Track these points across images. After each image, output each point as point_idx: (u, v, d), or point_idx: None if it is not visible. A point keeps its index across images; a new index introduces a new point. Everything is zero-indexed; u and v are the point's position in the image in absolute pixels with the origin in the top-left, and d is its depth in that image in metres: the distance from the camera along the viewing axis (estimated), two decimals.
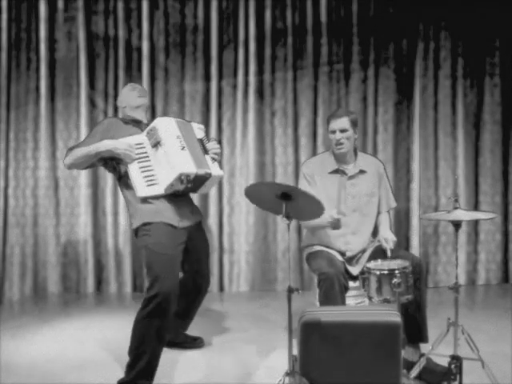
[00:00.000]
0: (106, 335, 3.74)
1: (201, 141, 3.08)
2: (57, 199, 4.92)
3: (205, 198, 4.93)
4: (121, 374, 2.92)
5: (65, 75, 4.88)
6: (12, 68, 4.81)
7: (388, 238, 3.14)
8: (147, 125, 3.09)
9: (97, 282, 4.95)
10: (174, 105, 4.92)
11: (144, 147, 2.96)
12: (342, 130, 3.23)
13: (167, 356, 3.35)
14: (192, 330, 3.74)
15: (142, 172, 2.93)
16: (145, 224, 2.91)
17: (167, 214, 2.92)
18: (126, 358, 2.93)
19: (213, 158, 3.06)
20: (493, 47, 5.02)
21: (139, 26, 4.87)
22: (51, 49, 4.84)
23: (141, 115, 3.21)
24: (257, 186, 2.80)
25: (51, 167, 4.89)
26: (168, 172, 2.88)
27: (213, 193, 4.90)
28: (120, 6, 4.84)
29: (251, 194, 2.67)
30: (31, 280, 4.89)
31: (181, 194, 3.00)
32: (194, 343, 3.54)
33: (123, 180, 3.02)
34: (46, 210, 4.88)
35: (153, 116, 4.68)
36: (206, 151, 3.06)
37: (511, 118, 5.07)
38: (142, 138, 2.99)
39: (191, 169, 2.87)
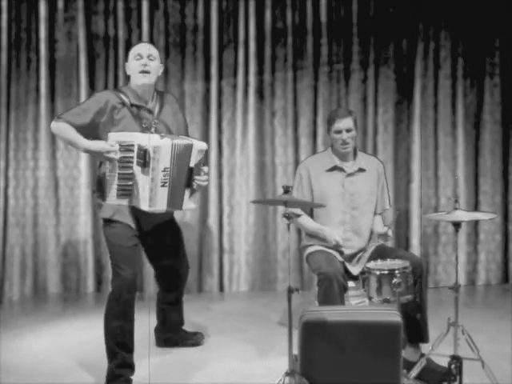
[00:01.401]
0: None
1: (191, 171, 2.92)
2: (57, 199, 4.92)
3: (205, 198, 4.93)
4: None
5: (65, 75, 4.88)
6: (12, 68, 4.80)
7: (379, 230, 3.25)
8: (148, 110, 2.98)
9: (97, 282, 4.94)
10: None
11: (132, 151, 2.79)
12: (348, 130, 3.27)
13: (167, 356, 3.36)
14: (192, 330, 3.74)
15: (119, 179, 2.83)
16: (109, 220, 2.98)
17: (127, 215, 2.95)
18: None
19: (193, 190, 2.99)
20: (493, 47, 5.01)
21: (139, 25, 4.86)
22: (51, 49, 4.84)
23: (145, 92, 3.00)
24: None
25: (51, 167, 4.88)
26: (141, 196, 2.82)
27: (213, 193, 4.90)
28: (120, 5, 4.84)
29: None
30: (31, 280, 4.88)
31: None
32: (194, 338, 3.54)
33: (102, 169, 2.97)
34: (45, 210, 4.88)
35: None
36: (189, 183, 2.95)
37: (511, 117, 5.07)
38: (133, 140, 2.81)
39: (161, 208, 2.88)
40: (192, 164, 2.92)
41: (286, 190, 2.60)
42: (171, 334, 3.51)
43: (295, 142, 4.98)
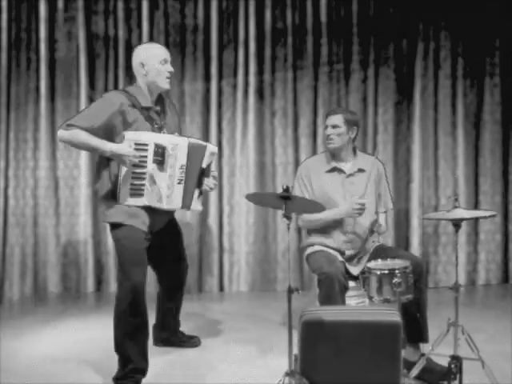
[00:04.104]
0: (106, 335, 3.72)
1: (202, 171, 2.99)
2: (57, 199, 4.92)
3: (205, 198, 4.93)
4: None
5: (65, 75, 4.88)
6: (12, 68, 4.80)
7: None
8: (157, 112, 2.98)
9: (97, 281, 4.95)
10: None
11: (146, 150, 2.82)
12: (334, 126, 3.30)
13: (167, 356, 3.36)
14: (192, 330, 3.74)
15: (132, 178, 2.85)
16: (120, 225, 2.91)
17: (142, 218, 2.92)
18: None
19: (201, 192, 3.03)
20: (493, 47, 5.02)
21: (139, 25, 4.87)
22: (51, 49, 4.84)
23: (154, 95, 3.00)
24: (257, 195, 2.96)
25: (51, 167, 4.89)
26: (157, 196, 2.85)
27: (213, 193, 4.90)
28: (120, 5, 4.84)
29: (252, 198, 2.81)
30: (31, 280, 4.88)
31: None
32: (191, 342, 3.54)
33: (113, 166, 2.91)
34: (45, 210, 4.88)
35: None
36: (200, 184, 3.00)
37: (511, 117, 5.07)
38: (149, 139, 2.83)
39: (177, 206, 2.92)
40: (204, 165, 2.99)
41: (286, 191, 2.59)
42: (169, 334, 3.51)
43: (295, 142, 4.98)
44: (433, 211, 4.94)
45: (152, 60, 2.98)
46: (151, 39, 4.85)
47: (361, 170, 3.35)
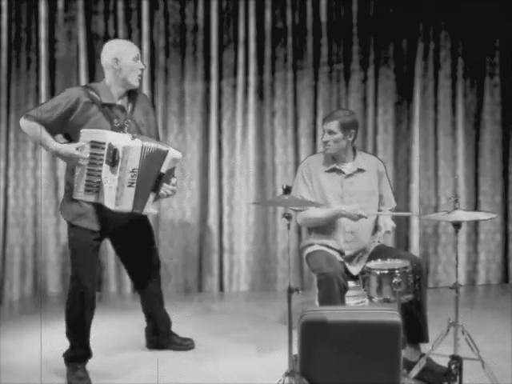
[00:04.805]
0: (106, 335, 3.74)
1: (160, 176, 2.93)
2: (57, 199, 4.91)
3: (205, 198, 4.93)
4: (121, 373, 2.92)
5: (65, 75, 4.87)
6: (12, 68, 4.79)
7: (387, 222, 3.21)
8: (120, 108, 2.98)
9: (97, 282, 4.94)
10: (173, 105, 4.92)
11: (103, 149, 2.83)
12: (330, 132, 3.29)
13: (167, 356, 3.36)
14: (192, 330, 3.74)
15: (87, 175, 2.87)
16: (70, 224, 3.02)
17: (91, 217, 2.97)
18: (126, 358, 2.92)
19: (157, 196, 3.00)
20: (493, 47, 5.01)
21: (139, 26, 4.86)
22: (51, 49, 4.83)
23: (121, 92, 3.02)
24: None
25: (51, 167, 4.88)
26: (108, 195, 2.86)
27: (213, 193, 4.90)
28: (120, 6, 4.84)
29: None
30: (31, 280, 4.88)
31: None
32: (184, 344, 3.50)
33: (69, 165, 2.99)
34: (45, 210, 4.88)
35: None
36: (157, 188, 2.96)
37: (511, 117, 5.07)
38: (105, 138, 2.83)
39: (127, 208, 2.90)
40: (163, 170, 2.93)
41: (286, 191, 2.60)
42: (161, 336, 3.48)
43: (295, 142, 4.98)
44: (433, 211, 4.94)
45: (126, 56, 3.02)
46: (151, 39, 4.84)
47: (360, 170, 3.35)
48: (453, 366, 2.62)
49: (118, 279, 4.94)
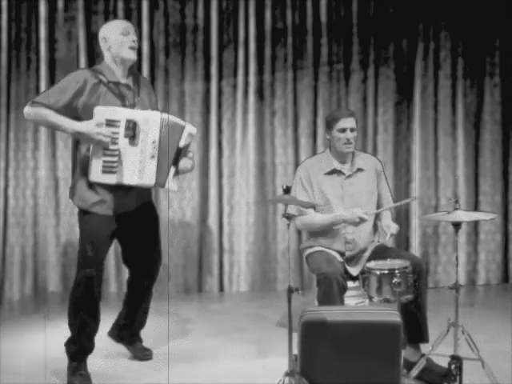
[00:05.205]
0: (106, 335, 3.73)
1: (179, 151, 2.91)
2: (57, 199, 4.92)
3: (205, 198, 4.93)
4: (121, 373, 2.92)
5: (65, 75, 4.85)
6: (12, 68, 4.79)
7: (390, 225, 3.19)
8: (127, 86, 2.94)
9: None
10: (174, 105, 4.92)
11: (118, 126, 2.78)
12: (352, 129, 3.26)
13: (166, 357, 3.36)
14: (191, 330, 3.74)
15: (104, 155, 2.81)
16: (82, 211, 2.97)
17: (108, 203, 2.92)
18: (126, 358, 2.92)
19: (177, 171, 2.97)
20: (493, 47, 5.01)
21: (139, 26, 4.85)
22: (51, 49, 4.83)
23: (123, 69, 2.96)
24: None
25: (51, 167, 4.88)
26: (129, 172, 2.81)
27: (213, 193, 4.90)
28: (120, 5, 4.83)
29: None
30: (31, 280, 4.88)
31: None
32: (143, 354, 3.34)
33: (82, 148, 2.93)
34: (45, 210, 4.88)
35: None
36: (176, 161, 2.93)
37: (511, 117, 5.07)
38: (120, 114, 2.79)
39: (149, 182, 2.85)
40: (181, 144, 2.91)
41: (286, 192, 2.60)
42: (127, 334, 3.37)
43: (295, 142, 4.98)
44: (433, 211, 4.94)
45: (112, 32, 2.95)
46: (151, 39, 4.84)
47: (360, 170, 3.35)
48: (453, 366, 2.62)
49: (117, 279, 4.94)
